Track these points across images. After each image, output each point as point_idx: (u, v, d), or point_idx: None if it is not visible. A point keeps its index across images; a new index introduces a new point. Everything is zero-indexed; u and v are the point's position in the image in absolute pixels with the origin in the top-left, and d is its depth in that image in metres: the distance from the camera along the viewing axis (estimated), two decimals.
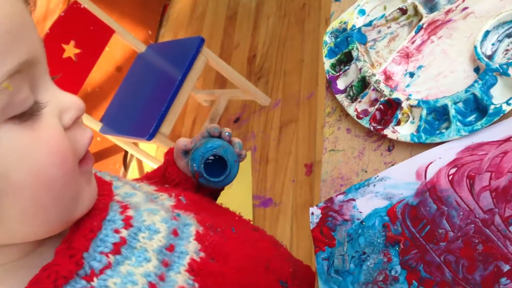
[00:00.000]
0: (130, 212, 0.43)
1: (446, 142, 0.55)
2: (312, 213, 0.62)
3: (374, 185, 0.58)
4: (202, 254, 0.45)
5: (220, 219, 0.53)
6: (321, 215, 0.61)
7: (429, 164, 0.55)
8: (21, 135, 0.32)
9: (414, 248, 0.51)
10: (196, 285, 0.42)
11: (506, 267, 0.44)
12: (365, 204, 0.58)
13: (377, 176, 0.59)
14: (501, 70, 0.52)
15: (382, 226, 0.55)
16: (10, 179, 0.32)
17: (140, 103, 1.75)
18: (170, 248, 0.43)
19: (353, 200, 0.59)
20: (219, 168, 0.59)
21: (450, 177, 0.52)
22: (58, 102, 0.36)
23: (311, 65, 1.95)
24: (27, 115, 0.33)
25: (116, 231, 0.41)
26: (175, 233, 0.45)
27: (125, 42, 1.88)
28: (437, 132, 0.56)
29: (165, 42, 2.43)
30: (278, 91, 2.03)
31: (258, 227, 0.60)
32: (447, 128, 0.55)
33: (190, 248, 0.44)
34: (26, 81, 0.33)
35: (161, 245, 0.42)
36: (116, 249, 0.40)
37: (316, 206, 0.63)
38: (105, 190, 0.44)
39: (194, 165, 0.58)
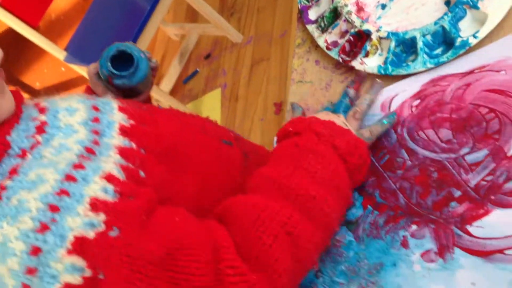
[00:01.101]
0: (43, 104, 0.45)
1: (412, 76, 0.55)
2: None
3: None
4: (131, 121, 0.46)
5: (143, 106, 0.54)
6: None
7: (394, 97, 0.56)
8: None
9: (372, 176, 0.53)
10: (133, 144, 0.44)
11: (457, 193, 0.46)
12: None
13: None
14: (471, 3, 0.52)
15: None
16: None
17: (107, 33, 1.68)
18: (95, 120, 0.45)
19: None
20: (129, 68, 0.59)
21: (413, 108, 0.53)
22: None
23: (285, 2, 1.90)
24: None
25: (34, 119, 0.42)
26: (95, 108, 0.46)
27: None
28: (404, 64, 0.56)
29: None
30: (250, 28, 1.98)
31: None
32: (413, 60, 0.55)
33: (116, 118, 0.46)
34: None
35: (85, 117, 0.44)
36: (40, 129, 0.41)
37: None
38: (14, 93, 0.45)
39: (103, 70, 0.58)
